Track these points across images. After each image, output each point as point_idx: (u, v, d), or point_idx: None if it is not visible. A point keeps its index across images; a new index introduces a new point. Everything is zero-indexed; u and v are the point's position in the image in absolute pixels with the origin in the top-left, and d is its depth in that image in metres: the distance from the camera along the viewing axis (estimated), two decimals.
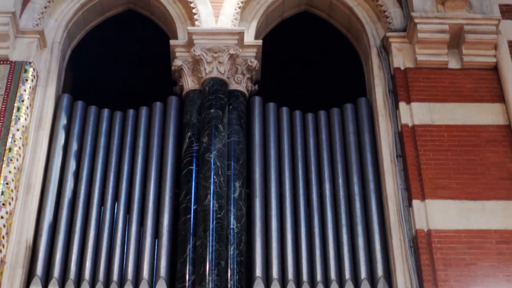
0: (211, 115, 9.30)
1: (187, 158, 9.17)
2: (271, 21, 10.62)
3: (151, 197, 9.12)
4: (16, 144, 8.85)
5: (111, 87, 11.60)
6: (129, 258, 8.72)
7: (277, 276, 8.62)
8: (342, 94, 10.30)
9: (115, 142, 9.60)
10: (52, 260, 8.65)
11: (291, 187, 9.29)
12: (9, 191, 8.54)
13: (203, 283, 8.24)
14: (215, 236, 8.51)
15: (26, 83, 9.30)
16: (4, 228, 8.31)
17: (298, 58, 11.87)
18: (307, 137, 9.72)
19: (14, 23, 9.59)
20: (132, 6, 10.74)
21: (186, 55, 9.80)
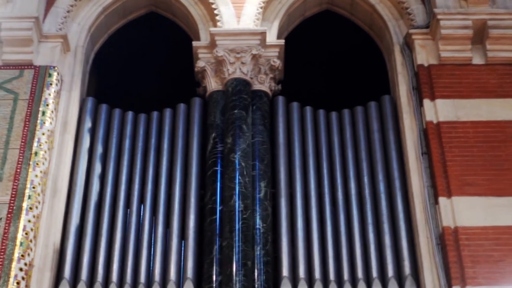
0: (235, 115, 9.31)
1: (211, 159, 9.18)
2: (293, 21, 10.62)
3: (176, 198, 9.14)
4: (42, 148, 8.89)
5: (135, 90, 11.64)
6: (156, 259, 8.74)
7: (304, 275, 8.61)
8: (366, 92, 10.28)
9: (139, 144, 9.63)
10: (80, 262, 8.69)
11: (316, 186, 9.28)
12: (35, 195, 8.58)
13: (230, 283, 8.24)
14: (241, 236, 8.51)
15: (51, 87, 9.35)
16: (32, 232, 8.36)
17: (321, 57, 11.85)
18: (331, 136, 9.70)
19: (37, 27, 9.65)
20: (154, 9, 10.77)
21: (208, 56, 9.81)
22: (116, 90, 11.25)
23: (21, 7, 9.81)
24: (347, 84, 11.81)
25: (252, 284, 8.35)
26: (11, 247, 8.18)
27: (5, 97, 9.23)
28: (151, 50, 11.69)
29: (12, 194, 8.51)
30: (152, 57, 11.77)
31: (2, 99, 9.21)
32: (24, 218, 8.38)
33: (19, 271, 8.08)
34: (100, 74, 11.00)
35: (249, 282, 8.32)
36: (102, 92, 10.85)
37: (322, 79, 11.98)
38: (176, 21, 10.73)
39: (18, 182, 8.60)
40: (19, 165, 8.73)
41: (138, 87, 11.74)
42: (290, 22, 10.57)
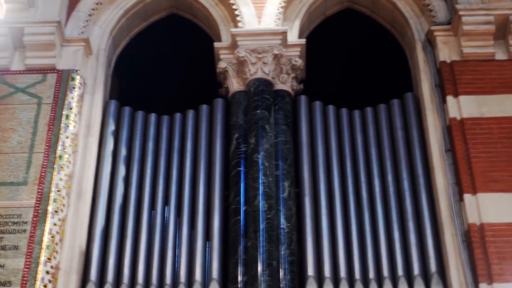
0: (258, 116, 9.31)
1: (235, 159, 9.18)
2: (314, 20, 10.60)
3: (200, 199, 9.16)
4: (66, 151, 8.94)
5: (158, 92, 11.68)
6: (181, 260, 8.77)
7: (330, 274, 8.60)
8: (389, 90, 10.25)
9: (163, 146, 9.66)
10: (106, 264, 8.73)
11: (340, 185, 9.26)
12: (60, 198, 8.63)
13: (256, 284, 8.24)
14: (265, 236, 8.51)
15: (74, 91, 9.39)
16: (58, 235, 8.41)
17: (343, 55, 11.82)
18: (354, 134, 9.68)
19: (59, 32, 9.70)
20: (175, 11, 10.80)
21: (230, 57, 9.82)
22: (138, 93, 11.30)
23: (43, 12, 9.87)
24: (369, 82, 11.78)
25: (278, 284, 8.35)
26: (38, 250, 8.24)
27: (29, 101, 9.29)
28: (173, 52, 11.73)
29: (37, 198, 8.56)
30: (174, 59, 11.80)
31: (26, 104, 9.27)
32: (50, 221, 8.43)
33: (46, 274, 8.13)
34: (122, 76, 11.05)
35: (275, 282, 8.32)
36: (125, 94, 10.90)
37: (344, 78, 11.96)
38: (197, 23, 10.75)
39: (43, 186, 8.65)
40: (44, 168, 8.78)
41: (160, 89, 11.77)
42: (311, 21, 10.56)
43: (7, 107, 9.26)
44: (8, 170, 8.77)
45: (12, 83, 9.45)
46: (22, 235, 8.34)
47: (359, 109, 9.89)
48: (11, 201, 8.55)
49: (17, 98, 9.35)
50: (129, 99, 10.29)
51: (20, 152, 8.90)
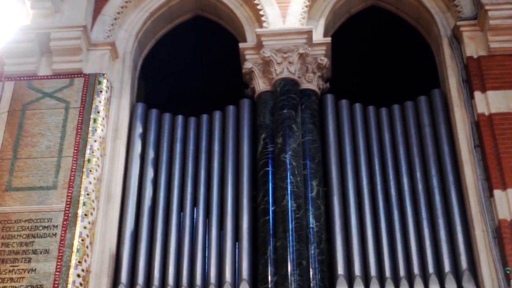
0: (284, 115, 9.30)
1: (262, 159, 9.18)
2: (338, 18, 10.57)
3: (229, 200, 9.17)
4: (95, 155, 8.99)
5: (184, 94, 11.71)
6: (211, 261, 8.78)
7: (360, 273, 8.57)
8: (415, 87, 10.20)
9: (190, 147, 9.69)
10: (136, 267, 8.77)
11: (368, 183, 9.23)
12: (90, 201, 8.67)
13: (286, 283, 8.23)
14: (295, 236, 8.50)
15: (101, 95, 9.44)
16: (88, 238, 8.45)
17: (369, 53, 11.79)
18: (382, 132, 9.65)
19: (85, 36, 9.75)
20: (200, 12, 10.81)
21: (255, 57, 9.81)
22: (165, 95, 11.33)
23: (69, 17, 9.93)
24: (396, 79, 11.73)
25: (308, 284, 8.34)
26: (68, 253, 8.29)
27: (56, 106, 9.35)
28: (198, 53, 11.74)
29: (67, 202, 8.61)
30: (199, 60, 11.82)
31: (54, 108, 9.33)
32: (80, 224, 8.47)
33: (77, 277, 8.18)
34: (149, 79, 11.08)
35: (305, 281, 8.30)
36: (152, 97, 10.94)
37: (371, 76, 11.92)
38: (222, 24, 10.76)
39: (72, 190, 8.70)
40: (72, 172, 8.83)
41: (187, 91, 11.80)
42: (336, 20, 10.53)
43: (35, 112, 9.32)
44: (37, 174, 8.84)
45: (39, 88, 9.52)
46: (52, 239, 8.40)
47: (386, 106, 9.85)
48: (41, 206, 8.61)
49: (45, 103, 9.41)
50: (156, 102, 10.33)
51: (49, 157, 8.96)
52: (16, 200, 8.66)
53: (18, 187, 8.75)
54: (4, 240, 8.41)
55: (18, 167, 8.90)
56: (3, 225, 8.51)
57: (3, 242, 8.40)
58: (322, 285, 8.41)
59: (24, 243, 8.39)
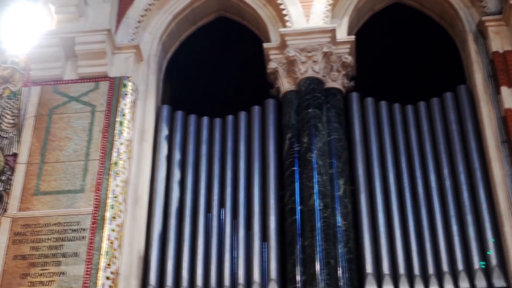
0: (310, 114, 9.29)
1: (289, 159, 9.18)
2: (362, 16, 10.54)
3: (256, 200, 9.18)
4: (121, 157, 9.02)
5: (209, 95, 11.73)
6: (239, 262, 8.79)
7: (388, 271, 8.54)
8: (441, 83, 10.15)
9: (216, 148, 9.70)
10: (164, 268, 8.79)
11: (395, 181, 9.20)
12: (117, 204, 8.71)
13: (314, 283, 8.22)
14: (322, 235, 8.49)
15: (126, 98, 9.47)
16: (116, 241, 8.49)
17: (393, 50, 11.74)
18: (408, 130, 9.61)
19: (110, 40, 9.79)
20: (223, 13, 10.82)
21: (280, 57, 9.81)
22: (190, 96, 11.35)
23: (93, 21, 9.97)
24: (421, 76, 11.68)
25: (336, 283, 8.32)
26: (97, 256, 8.33)
27: (83, 109, 9.39)
28: (222, 54, 11.76)
29: (95, 205, 8.66)
30: (224, 61, 11.84)
31: (80, 112, 9.38)
32: (108, 227, 8.51)
33: (106, 279, 8.22)
34: (173, 81, 11.11)
35: (333, 280, 8.29)
36: (177, 99, 10.97)
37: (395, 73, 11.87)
38: (245, 24, 10.76)
39: (100, 193, 8.74)
40: (100, 175, 8.87)
41: (212, 92, 11.83)
42: (360, 18, 10.50)
43: (62, 116, 9.38)
44: (65, 178, 8.89)
45: (65, 92, 9.57)
46: (81, 242, 8.44)
47: (412, 104, 9.81)
48: (69, 209, 8.66)
49: (71, 107, 9.46)
50: (181, 103, 10.35)
51: (76, 160, 9.01)
52: (45, 204, 8.72)
53: (46, 191, 8.81)
54: (33, 244, 8.47)
55: (46, 171, 8.96)
56: (32, 229, 8.57)
57: (33, 246, 8.46)
58: (351, 284, 8.39)
59: (54, 246, 8.44)
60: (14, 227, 8.60)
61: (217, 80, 11.97)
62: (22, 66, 9.98)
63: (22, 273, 8.31)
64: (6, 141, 9.39)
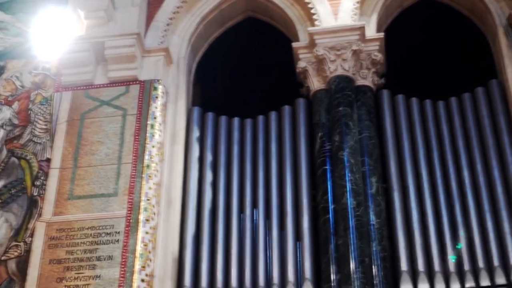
0: (340, 113, 9.26)
1: (320, 158, 9.16)
2: (391, 12, 10.50)
3: (288, 200, 9.17)
4: (153, 160, 9.06)
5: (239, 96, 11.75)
6: (273, 262, 8.78)
7: (423, 268, 8.49)
8: (472, 78, 10.08)
9: (248, 149, 9.71)
10: (199, 270, 8.81)
11: (428, 177, 9.14)
12: (151, 206, 8.75)
13: (349, 281, 8.20)
14: (356, 233, 8.46)
15: (157, 100, 9.51)
16: (150, 243, 8.52)
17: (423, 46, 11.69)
18: (440, 126, 9.54)
19: (139, 43, 9.83)
20: (251, 14, 10.83)
21: (309, 56, 9.80)
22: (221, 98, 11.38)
23: (122, 25, 10.02)
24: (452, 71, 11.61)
25: (371, 281, 8.29)
26: (131, 259, 8.37)
27: (114, 113, 9.44)
28: (251, 55, 11.76)
29: (128, 208, 8.70)
30: (253, 61, 11.85)
31: (111, 116, 9.43)
32: (142, 230, 8.55)
33: (141, 282, 8.25)
34: (203, 83, 11.14)
35: (368, 278, 8.26)
36: (207, 100, 10.99)
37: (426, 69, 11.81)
38: (273, 24, 10.76)
39: (133, 196, 8.78)
40: (132, 179, 8.91)
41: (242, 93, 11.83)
42: (388, 14, 10.46)
43: (94, 121, 9.44)
44: (98, 182, 8.94)
45: (96, 96, 9.63)
46: (115, 245, 8.49)
47: (443, 99, 9.76)
48: (103, 213, 8.71)
49: (102, 111, 9.52)
50: (211, 105, 10.37)
51: (109, 164, 9.06)
52: (79, 208, 8.78)
53: (80, 195, 8.87)
54: (68, 248, 8.53)
55: (79, 176, 9.02)
56: (67, 233, 8.63)
57: (68, 250, 8.52)
58: (386, 282, 8.35)
59: (88, 250, 8.50)
60: (49, 232, 8.67)
61: (247, 80, 11.98)
62: (53, 72, 10.06)
63: (58, 277, 8.38)
64: (39, 146, 9.47)
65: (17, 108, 9.91)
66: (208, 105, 10.38)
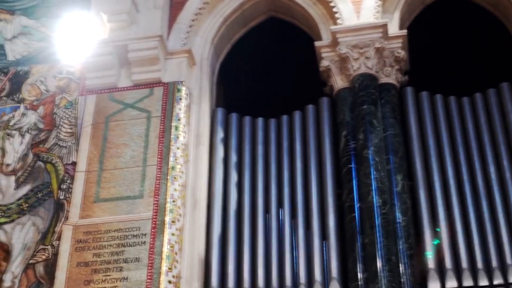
0: (364, 111, 9.24)
1: (345, 157, 9.14)
2: (413, 9, 10.45)
3: (314, 199, 9.15)
4: (178, 162, 9.08)
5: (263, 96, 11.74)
6: (300, 262, 8.77)
7: (451, 266, 8.45)
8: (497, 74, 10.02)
9: (272, 149, 9.71)
10: (225, 270, 8.82)
11: (454, 174, 9.09)
12: (176, 208, 8.77)
13: (376, 280, 8.17)
14: (382, 232, 8.43)
15: (181, 102, 9.53)
16: (176, 245, 8.55)
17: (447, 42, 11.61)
18: (465, 122, 9.49)
19: (162, 45, 9.86)
20: (273, 13, 10.83)
21: (332, 55, 9.78)
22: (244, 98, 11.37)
23: (145, 28, 10.05)
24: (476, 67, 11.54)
25: (398, 279, 8.26)
26: (158, 261, 8.39)
27: (138, 116, 9.48)
28: (274, 55, 11.75)
29: (154, 210, 8.72)
30: (276, 61, 11.84)
31: (136, 118, 9.46)
32: (168, 232, 8.57)
33: (168, 283, 8.27)
34: (227, 84, 11.15)
35: (395, 277, 8.23)
36: (231, 101, 10.99)
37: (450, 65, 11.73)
38: (296, 24, 10.75)
39: (158, 198, 8.80)
40: (157, 180, 8.94)
41: (265, 93, 11.83)
42: (411, 11, 10.42)
43: (118, 123, 9.47)
44: (124, 184, 8.98)
45: (120, 99, 9.67)
46: (142, 247, 8.52)
47: (467, 96, 9.70)
48: (129, 215, 8.74)
49: (127, 113, 9.55)
50: (235, 106, 10.38)
51: (134, 166, 9.09)
52: (105, 211, 8.82)
53: (106, 198, 8.91)
54: (95, 251, 8.57)
55: (105, 178, 9.06)
56: (94, 236, 8.67)
57: (95, 253, 8.56)
58: (413, 280, 8.32)
59: (115, 252, 8.53)
60: (76, 235, 8.72)
61: (270, 80, 11.97)
62: (77, 76, 10.11)
63: (86, 279, 8.42)
64: (65, 150, 9.53)
65: (42, 112, 9.98)
66: (232, 105, 10.39)
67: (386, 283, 8.13)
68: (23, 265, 8.78)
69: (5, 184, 9.41)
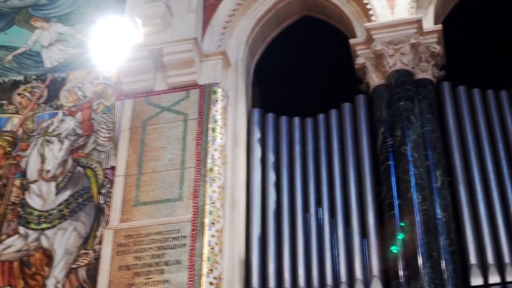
0: (401, 107, 9.19)
1: (383, 154, 9.09)
2: (448, 3, 10.38)
3: (353, 197, 9.12)
4: (216, 163, 9.10)
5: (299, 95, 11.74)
6: (340, 260, 8.75)
7: (493, 261, 8.37)
8: None
9: (309, 148, 9.69)
10: (266, 271, 8.82)
11: (494, 168, 9.00)
12: (216, 209, 8.79)
13: (418, 277, 8.12)
14: (422, 228, 8.38)
15: (217, 104, 9.55)
16: (217, 246, 8.57)
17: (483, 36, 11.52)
18: (503, 115, 9.40)
19: (197, 48, 9.90)
20: (307, 12, 10.82)
21: (367, 52, 9.74)
22: (280, 98, 11.38)
23: (179, 31, 10.10)
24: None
25: (440, 276, 8.19)
26: (199, 262, 8.42)
27: (175, 119, 9.52)
28: (309, 54, 11.74)
29: (193, 212, 8.76)
30: (311, 60, 11.83)
31: (173, 121, 9.50)
32: (208, 233, 8.59)
33: (210, 285, 8.29)
34: (262, 84, 11.15)
35: (437, 273, 8.17)
36: (267, 101, 10.99)
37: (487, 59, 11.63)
38: (330, 22, 10.73)
39: (197, 200, 8.84)
40: (196, 183, 8.97)
41: (301, 92, 11.83)
42: (446, 5, 10.34)
43: (155, 127, 9.53)
44: (163, 187, 9.02)
45: (157, 103, 9.72)
46: (182, 249, 8.55)
47: (506, 89, 9.61)
48: (169, 218, 8.78)
49: (164, 117, 9.60)
50: (271, 106, 10.38)
51: (173, 169, 9.14)
52: (145, 214, 8.87)
53: (145, 201, 8.96)
54: (136, 254, 8.63)
55: (144, 182, 9.11)
56: (135, 239, 8.73)
57: (136, 256, 8.62)
58: (455, 276, 8.25)
59: (156, 255, 8.58)
60: (117, 239, 8.78)
61: (305, 79, 11.96)
62: (113, 81, 10.20)
63: (128, 283, 8.47)
64: (104, 155, 9.61)
65: (80, 118, 10.07)
66: (268, 106, 10.39)
67: (428, 279, 8.07)
68: (66, 270, 8.86)
69: (46, 190, 9.52)
